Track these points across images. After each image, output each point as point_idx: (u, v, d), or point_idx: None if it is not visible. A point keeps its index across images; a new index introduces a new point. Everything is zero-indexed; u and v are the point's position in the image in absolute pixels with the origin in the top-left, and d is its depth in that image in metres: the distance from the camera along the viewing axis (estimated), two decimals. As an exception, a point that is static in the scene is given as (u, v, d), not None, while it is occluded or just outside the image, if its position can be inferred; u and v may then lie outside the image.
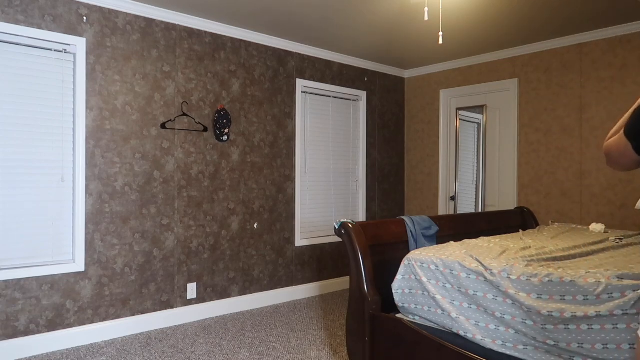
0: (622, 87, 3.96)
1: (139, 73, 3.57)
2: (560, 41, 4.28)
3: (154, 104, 3.64)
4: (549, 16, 3.72)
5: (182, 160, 3.79)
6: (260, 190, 4.29)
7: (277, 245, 4.42)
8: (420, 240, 2.64)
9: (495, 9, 3.57)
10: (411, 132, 5.63)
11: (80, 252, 3.28)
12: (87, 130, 3.32)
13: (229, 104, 4.07)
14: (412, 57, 5.02)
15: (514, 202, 4.62)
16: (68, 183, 3.29)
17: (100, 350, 3.19)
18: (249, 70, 4.22)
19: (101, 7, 3.37)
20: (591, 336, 1.70)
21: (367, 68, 5.20)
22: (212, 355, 3.09)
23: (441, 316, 2.13)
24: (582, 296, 1.74)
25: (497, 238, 2.74)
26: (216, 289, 3.99)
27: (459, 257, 2.15)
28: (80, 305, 3.29)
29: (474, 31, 4.10)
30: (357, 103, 5.19)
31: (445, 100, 5.28)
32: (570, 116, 4.26)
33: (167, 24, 3.70)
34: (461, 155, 5.24)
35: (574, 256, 2.26)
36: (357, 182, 5.19)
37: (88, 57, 3.31)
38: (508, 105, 4.73)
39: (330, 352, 3.12)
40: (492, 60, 4.81)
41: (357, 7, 3.56)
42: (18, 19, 3.04)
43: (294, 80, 4.55)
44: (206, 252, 3.93)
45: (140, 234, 3.56)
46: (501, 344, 1.93)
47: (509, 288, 1.91)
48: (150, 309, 3.60)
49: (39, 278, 3.12)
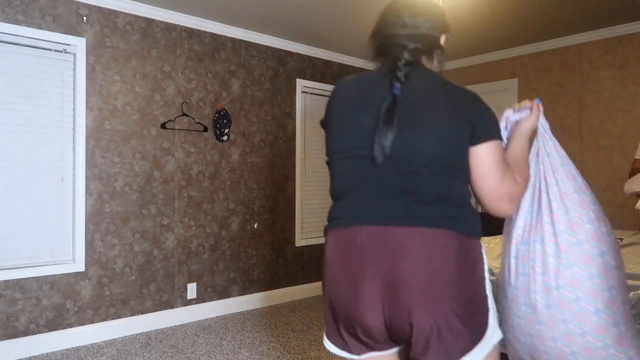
0: (622, 87, 3.96)
1: (139, 73, 3.57)
2: (560, 41, 4.28)
3: (154, 104, 3.64)
4: (549, 16, 3.73)
5: (182, 160, 3.79)
6: (260, 190, 4.29)
7: (277, 245, 4.42)
8: (421, 241, 2.63)
9: (496, 9, 3.57)
10: (411, 132, 5.62)
11: (80, 252, 3.28)
12: (87, 130, 3.32)
13: (229, 104, 4.07)
14: (412, 57, 5.02)
15: (514, 202, 4.62)
16: (68, 183, 3.29)
17: (100, 350, 3.19)
18: (249, 70, 4.22)
19: (101, 7, 3.37)
20: (591, 336, 1.69)
21: (367, 68, 5.20)
22: (212, 355, 3.09)
23: (441, 316, 2.12)
24: (582, 296, 1.74)
25: (497, 238, 2.74)
26: (216, 289, 3.99)
27: (459, 257, 2.14)
28: (80, 305, 3.29)
29: (474, 31, 4.10)
30: (357, 103, 5.18)
31: (445, 100, 5.27)
32: (570, 116, 4.26)
33: (167, 24, 3.70)
34: (461, 155, 5.24)
35: (574, 256, 2.26)
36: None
37: (88, 57, 3.31)
38: (508, 105, 4.73)
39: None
40: (492, 60, 4.81)
41: (357, 7, 3.56)
42: (18, 19, 3.04)
43: (294, 80, 4.55)
44: (206, 252, 3.93)
45: (140, 234, 3.56)
46: (501, 344, 1.93)
47: (509, 288, 1.91)
48: (150, 309, 3.60)
49: (39, 278, 3.12)
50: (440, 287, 1.05)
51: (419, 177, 1.10)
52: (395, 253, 1.07)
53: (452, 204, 1.12)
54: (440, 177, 1.10)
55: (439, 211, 1.09)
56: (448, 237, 1.08)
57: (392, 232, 1.08)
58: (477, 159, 1.14)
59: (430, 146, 1.09)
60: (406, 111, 1.11)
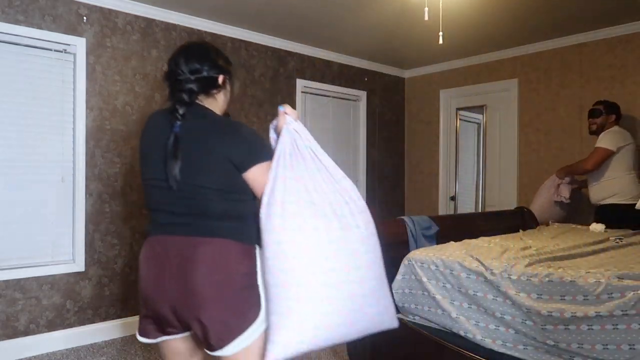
0: (622, 87, 3.96)
1: (139, 73, 3.57)
2: (560, 41, 4.28)
3: (154, 104, 3.64)
4: (549, 16, 3.72)
5: (182, 160, 3.79)
6: (260, 190, 4.29)
7: (277, 245, 4.42)
8: (420, 240, 2.64)
9: (496, 8, 3.57)
10: (411, 132, 5.63)
11: (80, 252, 3.28)
12: (87, 130, 3.32)
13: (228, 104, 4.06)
14: (412, 57, 5.02)
15: (514, 202, 4.62)
16: (68, 183, 3.29)
17: (100, 350, 3.19)
18: (249, 70, 4.22)
19: (101, 7, 3.37)
20: (591, 336, 1.70)
21: (367, 68, 5.20)
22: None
23: (441, 316, 2.12)
24: (582, 296, 1.74)
25: (497, 238, 2.74)
26: (216, 289, 3.99)
27: (459, 257, 2.15)
28: (80, 305, 3.29)
29: (474, 31, 4.10)
30: (357, 103, 5.19)
31: (445, 100, 5.28)
32: (571, 116, 4.26)
33: (167, 24, 3.70)
34: (461, 155, 5.24)
35: (574, 256, 2.26)
36: (357, 182, 5.19)
37: (88, 57, 3.31)
38: (508, 106, 4.73)
39: (331, 352, 3.12)
40: (492, 60, 4.81)
41: (357, 7, 3.56)
42: (18, 19, 3.04)
43: (294, 80, 4.55)
44: (206, 252, 3.93)
45: (140, 234, 3.56)
46: (501, 344, 1.93)
47: (509, 288, 1.91)
48: (150, 309, 3.60)
49: (39, 278, 3.12)
50: (216, 286, 1.35)
51: (202, 198, 1.38)
52: (183, 258, 1.37)
53: (230, 219, 1.40)
54: (217, 198, 1.38)
55: (217, 225, 1.39)
56: (225, 244, 1.38)
57: (182, 241, 1.39)
58: (251, 179, 1.40)
59: (205, 174, 1.38)
60: (185, 145, 1.37)
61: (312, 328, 1.35)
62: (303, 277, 1.35)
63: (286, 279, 1.34)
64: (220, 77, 1.53)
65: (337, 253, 1.38)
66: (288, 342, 1.34)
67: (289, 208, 1.36)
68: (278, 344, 1.33)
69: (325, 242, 1.37)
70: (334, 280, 1.37)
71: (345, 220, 1.42)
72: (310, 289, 1.35)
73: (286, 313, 1.34)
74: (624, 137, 3.50)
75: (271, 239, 1.36)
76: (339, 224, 1.40)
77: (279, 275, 1.35)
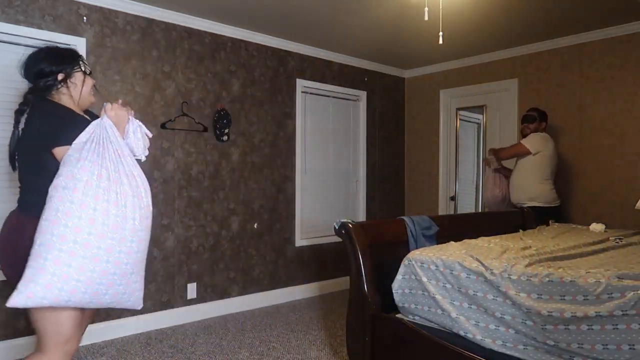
0: (622, 87, 3.96)
1: (139, 73, 3.57)
2: (560, 41, 4.28)
3: (154, 104, 3.64)
4: (549, 16, 3.73)
5: (182, 160, 3.79)
6: (260, 190, 4.29)
7: (277, 245, 4.42)
8: (421, 240, 2.64)
9: (495, 9, 3.57)
10: (411, 132, 5.63)
11: None
12: (87, 130, 3.32)
13: (229, 104, 4.07)
14: (412, 57, 5.02)
15: (514, 202, 4.62)
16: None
17: (100, 350, 3.19)
18: (249, 70, 4.22)
19: (101, 7, 3.37)
20: (591, 336, 1.70)
21: (367, 68, 5.20)
22: (212, 355, 3.09)
23: (441, 316, 2.13)
24: (582, 296, 1.74)
25: (497, 238, 2.74)
26: (216, 289, 3.99)
27: (459, 257, 2.15)
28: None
29: (474, 31, 4.10)
30: (357, 103, 5.19)
31: (445, 100, 5.28)
32: (570, 116, 4.26)
33: (167, 24, 3.70)
34: (461, 155, 5.25)
35: (574, 256, 2.26)
36: (357, 182, 5.19)
37: (88, 57, 3.31)
38: (508, 105, 4.73)
39: (331, 352, 3.12)
40: (492, 60, 4.81)
41: (357, 7, 3.56)
42: (18, 19, 3.04)
43: (294, 80, 4.55)
44: (206, 252, 3.93)
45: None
46: (501, 344, 1.93)
47: (509, 288, 1.91)
48: (150, 309, 3.60)
49: None
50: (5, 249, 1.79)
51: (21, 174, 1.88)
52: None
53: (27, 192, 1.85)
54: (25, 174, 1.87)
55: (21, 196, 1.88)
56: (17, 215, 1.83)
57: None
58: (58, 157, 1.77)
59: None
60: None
61: (57, 289, 1.59)
62: (66, 245, 1.60)
63: (51, 241, 1.59)
64: (60, 74, 1.92)
65: (105, 235, 1.65)
66: (32, 295, 1.58)
67: (77, 184, 1.64)
68: (23, 293, 1.58)
69: (99, 224, 1.64)
70: (93, 255, 1.62)
71: (124, 210, 1.69)
72: (69, 257, 1.60)
73: (39, 270, 1.58)
74: (545, 143, 3.86)
75: (52, 206, 1.64)
76: (117, 211, 1.67)
77: (47, 236, 1.60)
